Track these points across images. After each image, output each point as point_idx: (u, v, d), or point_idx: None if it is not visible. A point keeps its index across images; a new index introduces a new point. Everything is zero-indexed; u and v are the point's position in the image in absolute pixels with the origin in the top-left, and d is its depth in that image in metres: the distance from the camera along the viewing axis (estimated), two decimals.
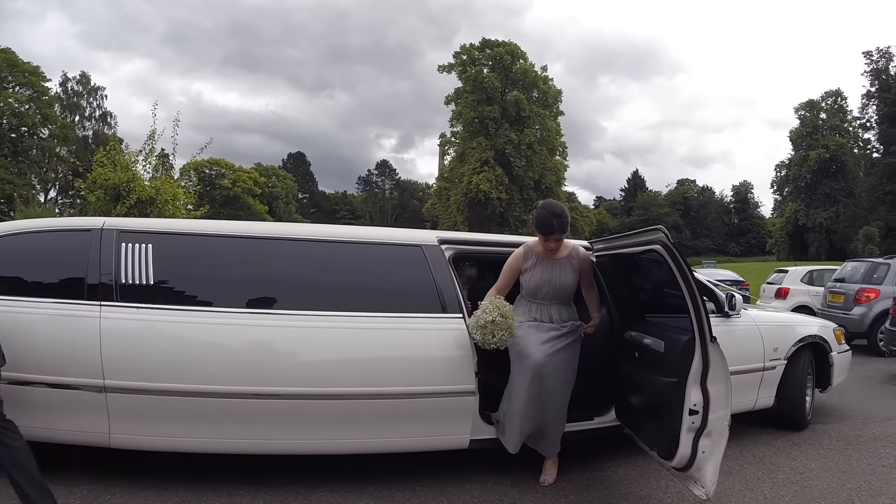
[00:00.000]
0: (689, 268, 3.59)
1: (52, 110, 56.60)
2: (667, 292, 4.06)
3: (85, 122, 62.08)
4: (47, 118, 55.50)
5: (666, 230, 3.69)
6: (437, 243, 4.71)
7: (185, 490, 4.10)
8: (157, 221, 5.12)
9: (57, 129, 56.67)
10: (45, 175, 56.88)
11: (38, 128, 55.35)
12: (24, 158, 53.56)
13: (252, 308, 4.18)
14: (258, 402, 4.01)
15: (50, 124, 56.19)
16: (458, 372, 4.24)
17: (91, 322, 3.93)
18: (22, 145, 53.67)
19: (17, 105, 53.10)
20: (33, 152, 54.77)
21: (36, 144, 54.87)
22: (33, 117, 53.91)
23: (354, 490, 4.23)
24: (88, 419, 3.93)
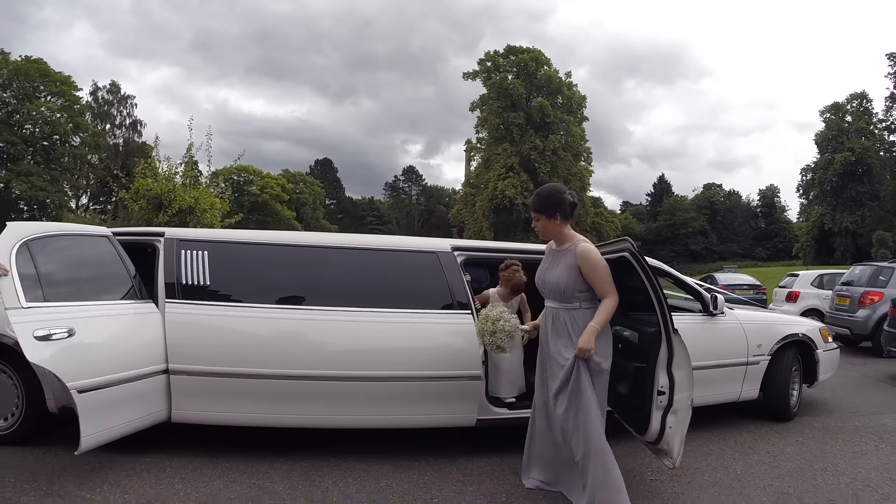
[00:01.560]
0: (653, 271, 4.22)
1: (84, 119, 57.90)
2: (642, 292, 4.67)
3: (115, 129, 63.51)
4: (79, 126, 56.78)
5: (632, 241, 4.30)
6: (451, 250, 5.44)
7: (233, 458, 4.84)
8: (209, 232, 5.97)
9: (88, 137, 57.99)
10: (76, 182, 58.27)
11: (70, 136, 56.56)
12: (56, 166, 54.85)
13: (291, 305, 5.00)
14: (296, 383, 4.79)
15: (81, 132, 57.45)
16: (467, 359, 4.94)
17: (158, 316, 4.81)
18: (54, 153, 55.02)
19: (49, 114, 54.41)
20: (65, 160, 56.12)
21: (68, 152, 56.21)
22: (65, 125, 55.16)
23: (377, 460, 4.93)
24: (156, 399, 4.71)
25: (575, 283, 4.12)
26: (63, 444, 4.83)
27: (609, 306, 4.08)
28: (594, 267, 4.10)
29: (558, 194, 4.24)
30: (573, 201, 4.25)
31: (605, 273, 4.11)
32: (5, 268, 4.27)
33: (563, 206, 4.19)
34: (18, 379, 4.96)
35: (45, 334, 4.07)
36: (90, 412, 4.15)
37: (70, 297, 4.48)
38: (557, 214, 4.19)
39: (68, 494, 4.08)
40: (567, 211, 4.20)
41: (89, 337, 4.35)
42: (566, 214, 4.21)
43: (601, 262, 4.12)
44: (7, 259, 4.17)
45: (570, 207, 4.21)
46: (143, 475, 4.47)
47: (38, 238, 4.49)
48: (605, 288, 4.10)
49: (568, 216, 4.22)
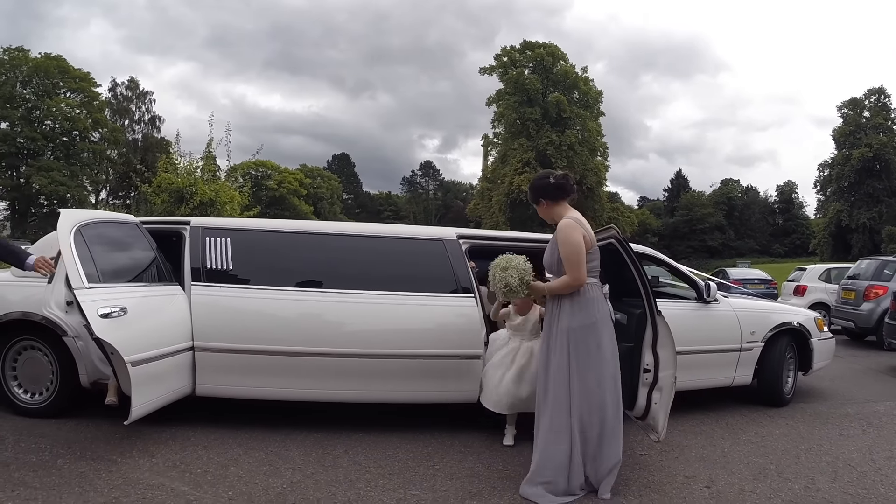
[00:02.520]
0: (638, 257, 4.55)
1: (103, 114, 58.68)
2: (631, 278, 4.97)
3: (134, 125, 64.23)
4: (98, 122, 57.72)
5: (617, 228, 4.63)
6: (456, 238, 5.79)
7: (252, 429, 5.26)
8: (231, 220, 6.44)
9: (107, 132, 58.79)
10: (96, 177, 59.03)
11: (90, 131, 57.44)
12: (75, 161, 55.72)
13: (307, 288, 5.38)
14: (310, 360, 5.20)
15: (100, 128, 58.30)
16: (470, 339, 5.31)
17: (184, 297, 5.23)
18: (74, 148, 55.92)
19: (69, 110, 55.35)
20: (85, 155, 57.06)
21: (87, 147, 57.11)
22: (84, 121, 56.08)
23: (385, 432, 5.33)
24: (184, 374, 5.10)
25: (559, 259, 4.16)
26: (94, 416, 5.28)
27: (565, 282, 4.11)
28: (563, 241, 4.10)
29: (538, 180, 4.38)
30: (558, 182, 4.28)
31: (571, 251, 4.06)
32: (52, 268, 4.69)
33: (546, 189, 4.29)
34: (53, 356, 5.37)
35: (107, 312, 4.41)
36: (140, 384, 4.49)
37: (117, 278, 4.87)
38: (541, 199, 4.32)
39: (100, 458, 4.48)
40: (551, 192, 4.28)
41: (138, 315, 4.70)
42: (551, 196, 4.29)
43: (571, 239, 4.07)
44: (68, 242, 4.48)
45: (554, 189, 4.28)
46: (169, 443, 4.88)
47: (88, 223, 4.83)
48: (567, 266, 4.09)
49: (554, 197, 4.29)
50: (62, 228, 4.53)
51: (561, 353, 4.14)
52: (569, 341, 4.13)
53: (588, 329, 4.13)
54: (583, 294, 4.15)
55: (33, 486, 3.98)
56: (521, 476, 4.34)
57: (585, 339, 4.12)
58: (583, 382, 4.10)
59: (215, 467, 4.44)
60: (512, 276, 4.32)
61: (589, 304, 4.14)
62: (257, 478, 4.28)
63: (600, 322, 4.16)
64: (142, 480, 4.14)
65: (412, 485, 4.29)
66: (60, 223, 4.57)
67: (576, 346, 4.12)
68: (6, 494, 3.83)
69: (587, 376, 4.11)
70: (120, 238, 5.26)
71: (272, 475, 4.35)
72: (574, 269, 4.06)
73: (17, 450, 4.60)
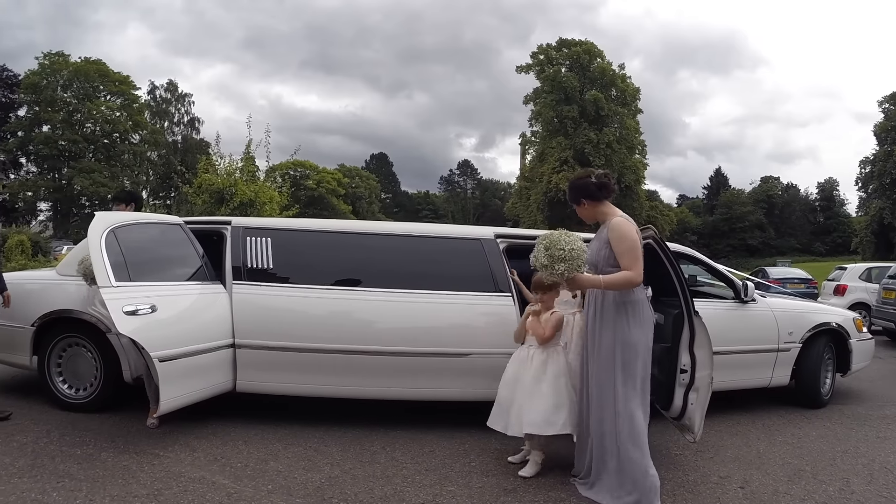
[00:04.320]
0: (675, 256, 4.54)
1: (143, 117, 59.71)
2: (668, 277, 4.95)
3: (174, 127, 65.18)
4: (138, 124, 58.76)
5: (655, 229, 4.60)
6: (494, 237, 5.85)
7: (290, 425, 5.38)
8: (272, 220, 6.59)
9: (147, 134, 59.83)
10: (136, 178, 60.01)
11: (130, 133, 58.54)
12: (116, 162, 56.89)
13: (346, 287, 5.48)
14: (350, 358, 5.30)
15: (140, 130, 59.36)
16: (507, 337, 5.24)
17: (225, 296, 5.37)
18: (114, 150, 57.07)
19: (109, 113, 56.40)
20: (125, 157, 58.16)
21: (127, 149, 58.21)
22: (125, 124, 57.15)
23: (422, 430, 5.42)
24: (224, 370, 5.24)
25: (607, 258, 4.04)
26: (136, 411, 5.40)
27: (625, 276, 3.94)
28: (620, 238, 3.99)
29: (578, 180, 4.26)
30: (600, 182, 4.16)
31: (631, 246, 3.97)
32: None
33: (588, 188, 4.17)
34: (97, 352, 5.56)
35: (133, 309, 4.55)
36: (169, 379, 4.65)
37: (151, 277, 5.00)
38: (582, 200, 4.20)
39: (143, 452, 4.63)
40: (593, 192, 4.16)
41: (169, 313, 4.85)
42: (593, 196, 4.17)
43: (630, 235, 4.00)
44: (97, 243, 4.63)
45: (596, 189, 4.15)
46: (210, 438, 5.02)
47: (123, 226, 4.97)
48: (627, 261, 3.94)
49: (597, 197, 4.17)
50: (93, 230, 4.70)
51: (607, 361, 4.06)
52: (615, 348, 4.04)
53: (631, 335, 4.04)
54: (631, 294, 4.05)
55: (78, 477, 4.12)
56: (556, 474, 4.42)
57: (630, 346, 4.03)
58: (600, 389, 4.11)
59: (255, 462, 4.56)
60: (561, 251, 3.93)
61: (636, 306, 4.05)
62: (296, 472, 4.38)
63: (645, 327, 4.09)
64: (183, 474, 4.26)
65: (448, 481, 4.36)
66: (92, 225, 4.74)
67: (619, 353, 4.03)
68: (51, 485, 3.96)
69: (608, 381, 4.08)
70: (160, 239, 5.43)
71: (311, 470, 4.44)
72: (636, 264, 3.95)
73: (62, 443, 4.76)
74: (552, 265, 3.92)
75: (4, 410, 5.37)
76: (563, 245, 3.92)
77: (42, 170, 55.71)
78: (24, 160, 56.27)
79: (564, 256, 3.89)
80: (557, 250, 3.91)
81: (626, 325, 4.03)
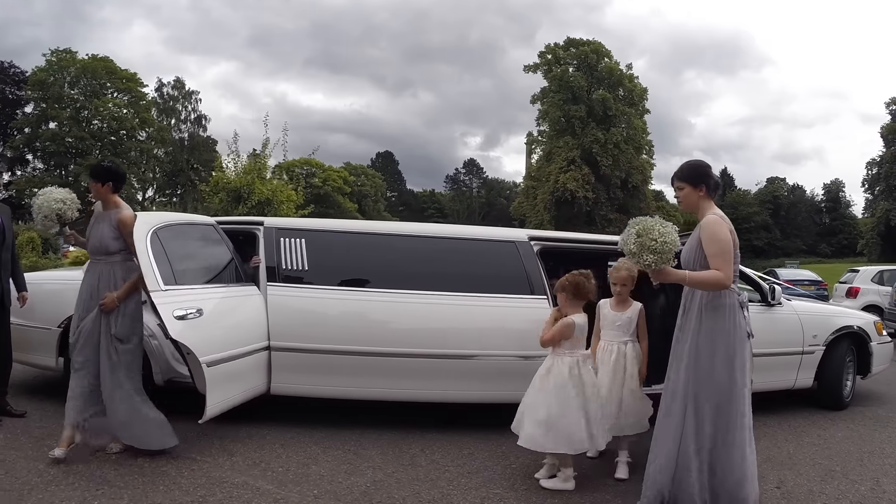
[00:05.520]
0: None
1: (150, 114, 59.63)
2: None
3: (181, 124, 65.07)
4: (145, 121, 58.51)
5: None
6: (528, 240, 5.88)
7: (326, 428, 5.38)
8: (306, 221, 6.55)
9: (154, 131, 59.73)
10: (143, 175, 60.11)
11: (137, 131, 58.34)
12: (123, 160, 56.50)
13: (381, 288, 5.50)
14: (386, 360, 5.31)
15: (147, 127, 59.22)
16: None
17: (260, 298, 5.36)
18: (121, 147, 56.82)
19: (116, 110, 56.36)
20: (132, 154, 57.94)
21: (134, 147, 58.01)
22: (132, 121, 56.97)
23: (458, 432, 5.44)
24: (260, 373, 5.23)
25: (698, 256, 3.80)
26: (167, 414, 5.28)
27: (714, 276, 3.67)
28: (711, 238, 3.74)
29: (706, 167, 4.02)
30: (718, 181, 4.03)
31: (723, 248, 3.71)
32: None
33: (710, 179, 3.95)
34: None
35: (183, 314, 4.50)
36: (215, 384, 4.59)
37: (193, 280, 4.96)
38: (703, 186, 3.92)
39: (180, 457, 4.59)
40: (711, 184, 3.94)
41: (213, 316, 4.81)
42: (711, 187, 3.94)
43: (722, 235, 3.74)
44: (144, 245, 4.54)
45: (714, 184, 3.96)
46: (246, 441, 5.01)
47: (164, 226, 4.87)
48: (718, 263, 3.68)
49: (712, 191, 3.95)
50: (138, 232, 4.58)
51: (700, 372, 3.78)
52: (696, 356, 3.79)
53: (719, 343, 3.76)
54: (721, 297, 3.78)
55: (117, 484, 4.05)
56: (600, 476, 4.47)
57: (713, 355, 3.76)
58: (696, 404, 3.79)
59: (296, 466, 4.55)
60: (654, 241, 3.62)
61: (727, 311, 3.76)
62: (339, 476, 4.39)
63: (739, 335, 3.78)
64: (225, 479, 4.23)
65: (492, 483, 4.38)
66: (136, 227, 4.61)
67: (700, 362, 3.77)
68: (91, 493, 3.90)
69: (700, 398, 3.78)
70: (197, 240, 5.37)
71: (353, 474, 4.45)
72: (726, 265, 3.69)
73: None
74: (641, 254, 3.64)
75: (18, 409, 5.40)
76: (657, 235, 3.61)
77: (49, 166, 55.63)
78: (30, 157, 56.22)
79: (656, 248, 3.60)
80: (650, 240, 3.61)
81: (716, 334, 3.75)
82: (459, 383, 5.46)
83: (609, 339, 4.73)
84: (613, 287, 4.78)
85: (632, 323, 4.71)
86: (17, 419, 5.32)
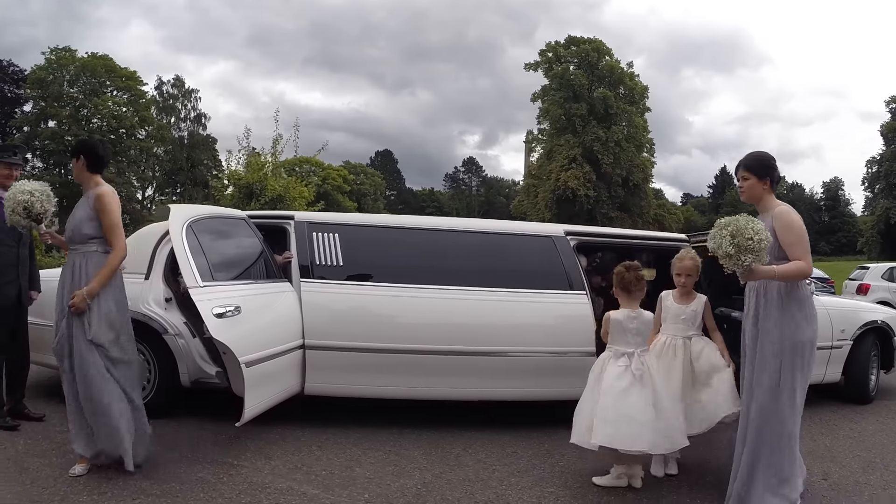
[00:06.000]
0: None
1: (149, 112, 59.47)
2: None
3: (180, 123, 64.83)
4: (144, 120, 58.31)
5: None
6: (564, 234, 5.84)
7: (361, 428, 5.28)
8: (338, 215, 6.39)
9: (154, 130, 59.55)
10: (142, 174, 59.95)
11: (136, 129, 58.14)
12: (122, 158, 56.48)
13: (417, 284, 5.39)
14: (423, 358, 5.23)
15: (147, 126, 59.03)
16: (582, 336, 5.33)
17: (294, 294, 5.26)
18: (121, 146, 56.54)
19: (116, 108, 56.20)
20: (132, 152, 57.77)
21: (134, 145, 57.79)
22: (131, 119, 56.74)
23: (497, 430, 5.35)
24: (294, 372, 5.13)
25: (772, 247, 3.69)
26: (193, 416, 5.28)
27: (798, 266, 3.65)
28: (788, 227, 3.72)
29: (772, 159, 3.97)
30: (780, 176, 4.02)
31: (800, 235, 3.72)
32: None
33: (775, 172, 3.92)
34: (151, 354, 5.33)
35: (222, 312, 4.35)
36: (253, 385, 4.40)
37: (229, 276, 4.83)
38: (768, 178, 3.89)
39: (215, 461, 4.41)
40: (775, 179, 3.93)
41: (251, 314, 4.64)
42: (774, 181, 3.92)
43: (798, 223, 3.76)
44: (180, 239, 4.42)
45: (777, 178, 3.94)
46: (281, 443, 4.86)
47: (198, 219, 4.75)
48: (798, 251, 3.67)
49: (774, 185, 3.93)
50: (174, 225, 4.45)
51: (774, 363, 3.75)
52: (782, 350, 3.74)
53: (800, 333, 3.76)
54: (798, 289, 3.78)
55: (153, 493, 3.87)
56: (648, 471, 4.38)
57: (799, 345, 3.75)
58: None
59: (339, 469, 4.43)
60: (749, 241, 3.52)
61: (803, 302, 3.78)
62: (387, 479, 4.28)
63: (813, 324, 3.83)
64: (268, 484, 4.09)
65: (544, 482, 4.32)
66: (172, 219, 4.48)
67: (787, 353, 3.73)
68: (126, 503, 3.75)
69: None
70: (229, 234, 5.24)
71: (401, 476, 4.35)
72: (806, 255, 3.69)
73: None
74: (738, 255, 3.54)
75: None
76: (751, 234, 3.53)
77: (48, 165, 55.39)
78: (29, 155, 56.00)
79: (752, 247, 3.52)
80: (745, 240, 3.52)
81: (795, 323, 3.73)
82: (501, 381, 5.38)
83: (672, 333, 4.53)
84: (677, 278, 4.59)
85: (697, 316, 4.53)
86: (37, 423, 5.13)
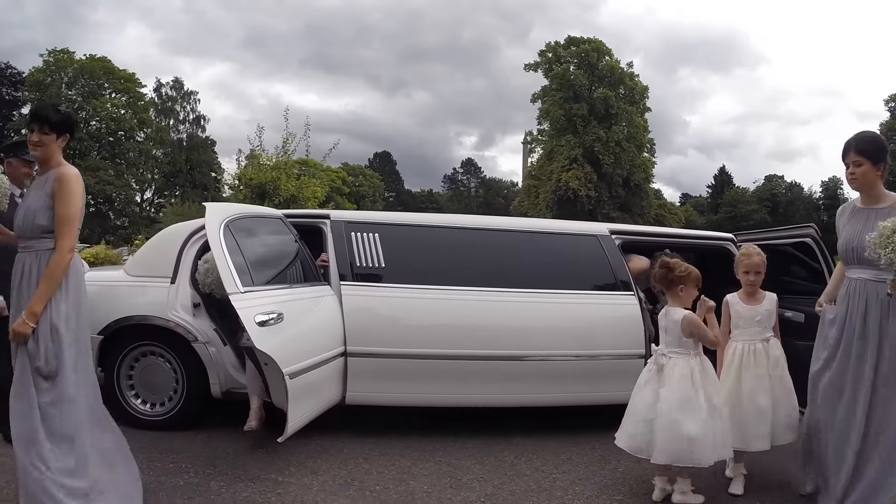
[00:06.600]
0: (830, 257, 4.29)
1: (148, 114, 59.27)
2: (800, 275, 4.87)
3: (179, 125, 64.55)
4: (143, 122, 58.14)
5: (816, 228, 4.46)
6: (609, 233, 5.56)
7: (405, 437, 4.95)
8: (376, 214, 6.05)
9: (152, 132, 59.31)
10: (141, 176, 59.65)
11: (135, 131, 57.94)
12: (122, 160, 56.40)
13: (461, 286, 5.08)
14: (468, 363, 4.93)
15: (146, 128, 58.84)
16: (632, 338, 5.09)
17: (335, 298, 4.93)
18: (120, 148, 56.51)
19: (115, 110, 55.96)
20: (130, 154, 57.56)
21: (133, 147, 57.56)
22: (130, 121, 56.58)
23: (544, 436, 5.07)
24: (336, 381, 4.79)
25: None
26: (224, 428, 4.93)
27: None
28: None
29: (885, 141, 3.68)
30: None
31: None
32: None
33: (887, 157, 3.61)
34: (178, 363, 4.96)
35: (264, 320, 4.02)
36: (297, 397, 4.10)
37: (268, 280, 4.50)
38: (882, 163, 3.57)
39: (257, 478, 4.07)
40: (887, 165, 3.62)
41: (293, 321, 4.32)
42: (886, 168, 3.61)
43: None
44: (218, 241, 4.07)
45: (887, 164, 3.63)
46: (324, 456, 4.53)
47: (235, 219, 4.43)
48: None
49: (886, 171, 3.62)
50: (212, 225, 4.11)
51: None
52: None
53: None
54: None
55: None
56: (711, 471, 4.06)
57: None
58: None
59: (393, 483, 4.13)
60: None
61: None
62: (446, 492, 4.00)
63: None
64: (320, 503, 3.78)
65: (610, 490, 4.11)
66: (209, 219, 4.14)
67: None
68: None
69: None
70: (267, 235, 4.92)
71: (460, 488, 4.07)
72: None
73: (154, 470, 4.08)
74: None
75: None
76: None
77: None
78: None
79: None
80: None
81: None
82: (548, 386, 5.11)
83: (748, 338, 4.13)
84: (745, 276, 4.20)
85: (771, 316, 4.20)
86: None
